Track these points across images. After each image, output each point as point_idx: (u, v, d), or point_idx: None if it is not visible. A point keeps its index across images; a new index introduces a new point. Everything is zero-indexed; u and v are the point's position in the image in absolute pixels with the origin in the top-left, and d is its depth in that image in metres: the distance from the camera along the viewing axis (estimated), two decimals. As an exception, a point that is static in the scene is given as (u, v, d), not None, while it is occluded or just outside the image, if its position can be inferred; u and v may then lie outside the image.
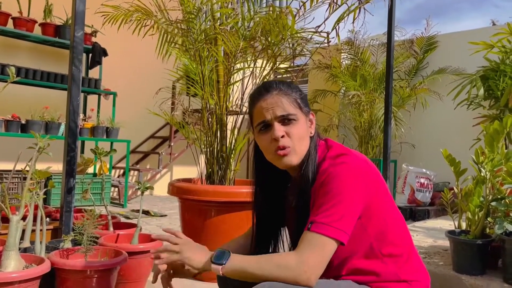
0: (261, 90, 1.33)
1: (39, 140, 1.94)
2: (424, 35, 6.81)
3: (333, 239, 1.13)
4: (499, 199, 2.41)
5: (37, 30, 5.29)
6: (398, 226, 1.31)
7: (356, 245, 1.24)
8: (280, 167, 1.32)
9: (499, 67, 4.05)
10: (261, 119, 1.29)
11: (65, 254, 1.94)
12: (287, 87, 1.32)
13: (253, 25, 2.87)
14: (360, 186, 1.19)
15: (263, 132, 1.30)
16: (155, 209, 5.14)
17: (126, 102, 6.05)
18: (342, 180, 1.18)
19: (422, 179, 5.54)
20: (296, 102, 1.30)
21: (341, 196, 1.16)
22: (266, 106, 1.28)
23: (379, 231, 1.26)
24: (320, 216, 1.15)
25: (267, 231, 1.44)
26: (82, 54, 2.39)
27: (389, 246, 1.26)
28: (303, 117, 1.31)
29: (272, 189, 1.42)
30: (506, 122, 2.56)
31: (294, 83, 1.46)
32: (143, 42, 3.11)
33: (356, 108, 6.51)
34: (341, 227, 1.14)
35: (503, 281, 2.33)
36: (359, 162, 1.23)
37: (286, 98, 1.29)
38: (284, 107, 1.27)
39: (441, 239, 3.45)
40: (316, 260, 1.12)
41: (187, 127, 3.05)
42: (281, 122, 1.28)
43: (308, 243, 1.13)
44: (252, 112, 1.34)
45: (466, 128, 5.34)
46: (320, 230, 1.13)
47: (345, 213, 1.16)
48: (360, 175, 1.21)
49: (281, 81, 1.34)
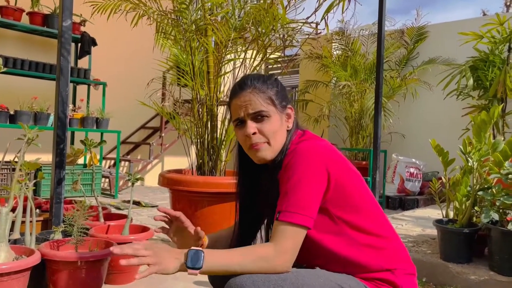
0: (236, 87, 1.38)
1: (27, 131, 1.93)
2: (414, 25, 6.82)
3: (302, 226, 1.19)
4: (485, 189, 2.45)
5: (24, 19, 5.20)
6: (375, 215, 1.32)
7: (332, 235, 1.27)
8: (255, 161, 1.37)
9: (488, 57, 4.09)
10: (236, 115, 1.36)
11: (55, 245, 1.94)
12: (262, 83, 1.35)
13: (243, 15, 2.86)
14: (318, 167, 1.23)
15: (239, 127, 1.37)
16: (146, 200, 5.14)
17: (116, 92, 6.00)
18: (301, 165, 1.23)
19: (412, 169, 5.59)
20: (270, 99, 1.34)
21: (302, 181, 1.21)
22: (240, 104, 1.34)
23: (355, 220, 1.28)
24: (286, 205, 1.21)
25: (250, 219, 1.48)
26: (70, 43, 2.37)
27: (368, 235, 1.29)
28: (277, 113, 1.35)
29: (253, 179, 1.47)
30: (493, 113, 2.59)
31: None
32: (133, 31, 3.09)
33: (346, 98, 6.53)
34: (307, 213, 1.20)
35: (489, 269, 2.38)
36: (316, 146, 1.27)
37: (259, 95, 1.33)
38: (256, 104, 1.32)
39: (429, 228, 3.50)
40: (289, 247, 1.18)
41: (178, 118, 3.04)
42: (253, 119, 1.33)
43: (280, 233, 1.19)
44: (230, 108, 1.41)
45: (455, 118, 5.39)
46: (287, 218, 1.19)
47: (308, 198, 1.21)
48: (317, 155, 1.25)
49: (258, 76, 1.38)
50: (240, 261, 1.17)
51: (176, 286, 2.18)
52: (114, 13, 2.83)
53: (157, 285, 2.17)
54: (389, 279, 1.27)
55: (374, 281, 1.27)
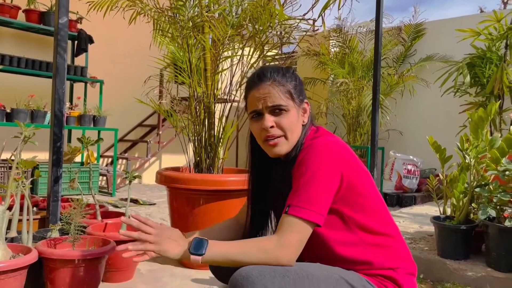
0: (254, 78, 1.36)
1: (23, 129, 1.92)
2: (412, 22, 6.82)
3: (310, 222, 1.18)
4: (483, 185, 2.45)
5: (21, 17, 5.18)
6: (382, 214, 1.33)
7: (340, 233, 1.27)
8: (270, 155, 1.36)
9: (486, 54, 4.09)
10: (254, 108, 1.34)
11: (52, 243, 1.93)
12: (282, 76, 1.34)
13: (241, 12, 2.85)
14: (332, 165, 1.23)
15: (255, 119, 1.35)
16: (143, 198, 5.13)
17: (113, 90, 5.98)
18: (316, 161, 1.22)
19: (409, 166, 5.60)
20: (289, 93, 1.33)
21: (315, 178, 1.21)
22: (259, 96, 1.32)
23: (364, 220, 1.28)
24: (297, 200, 1.20)
25: (260, 211, 1.47)
26: (66, 41, 2.36)
27: (373, 235, 1.29)
28: (294, 107, 1.34)
29: (264, 172, 1.46)
30: (491, 109, 2.60)
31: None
32: (130, 29, 3.07)
33: (344, 95, 6.53)
34: (317, 210, 1.19)
35: (486, 265, 2.39)
36: (330, 143, 1.27)
37: (279, 88, 1.31)
38: (275, 98, 1.30)
39: (427, 224, 3.51)
40: (295, 242, 1.17)
41: (175, 116, 3.03)
42: (271, 112, 1.31)
43: (286, 226, 1.18)
44: (247, 99, 1.38)
45: (452, 115, 5.40)
46: (297, 213, 1.18)
47: (319, 195, 1.20)
48: (331, 154, 1.24)
49: (277, 69, 1.36)
50: (243, 251, 1.17)
51: (173, 283, 2.18)
52: (110, 10, 2.81)
53: (154, 282, 2.17)
54: (392, 276, 1.28)
55: (376, 277, 1.28)
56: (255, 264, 1.15)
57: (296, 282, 1.13)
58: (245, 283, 1.09)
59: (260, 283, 1.09)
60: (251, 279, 1.09)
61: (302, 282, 1.14)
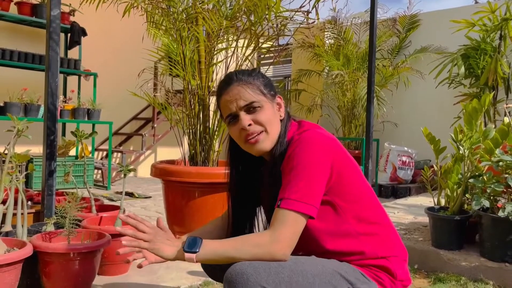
0: (222, 84, 1.37)
1: (17, 123, 1.91)
2: (406, 14, 6.81)
3: (303, 214, 1.18)
4: (476, 176, 2.47)
5: (13, 9, 5.12)
6: (372, 203, 1.34)
7: (332, 225, 1.28)
8: (254, 154, 1.36)
9: (480, 45, 4.09)
10: (228, 112, 1.34)
11: (47, 237, 1.93)
12: (248, 75, 1.34)
13: (235, 4, 2.83)
14: (322, 157, 1.23)
15: (232, 123, 1.34)
16: (139, 191, 5.13)
17: (107, 83, 5.95)
18: (305, 154, 1.23)
19: (404, 157, 5.62)
20: (259, 89, 1.33)
21: (306, 171, 1.21)
22: (230, 99, 1.32)
23: (353, 209, 1.29)
24: (289, 193, 1.20)
25: (243, 211, 1.48)
26: (59, 33, 2.33)
27: (364, 224, 1.30)
28: (268, 102, 1.34)
29: (247, 171, 1.46)
30: (485, 101, 2.60)
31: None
32: (123, 21, 3.05)
33: (339, 87, 6.52)
34: (310, 202, 1.19)
35: (480, 255, 2.41)
36: (320, 136, 1.27)
37: (247, 87, 1.32)
38: (246, 96, 1.31)
39: (421, 215, 3.53)
40: (289, 235, 1.17)
41: (169, 108, 3.02)
42: (246, 111, 1.31)
43: (279, 220, 1.18)
44: (220, 106, 1.38)
45: (447, 106, 5.41)
46: (289, 206, 1.18)
47: (312, 187, 1.20)
48: (320, 146, 1.25)
49: (242, 71, 1.37)
50: (237, 248, 1.17)
51: (169, 276, 2.18)
52: (103, 2, 2.79)
53: (150, 275, 2.17)
54: (385, 265, 1.29)
55: (369, 267, 1.29)
56: (249, 260, 1.15)
57: (291, 278, 1.13)
58: (239, 279, 1.09)
59: (255, 279, 1.09)
60: (245, 276, 1.09)
61: (297, 277, 1.14)
